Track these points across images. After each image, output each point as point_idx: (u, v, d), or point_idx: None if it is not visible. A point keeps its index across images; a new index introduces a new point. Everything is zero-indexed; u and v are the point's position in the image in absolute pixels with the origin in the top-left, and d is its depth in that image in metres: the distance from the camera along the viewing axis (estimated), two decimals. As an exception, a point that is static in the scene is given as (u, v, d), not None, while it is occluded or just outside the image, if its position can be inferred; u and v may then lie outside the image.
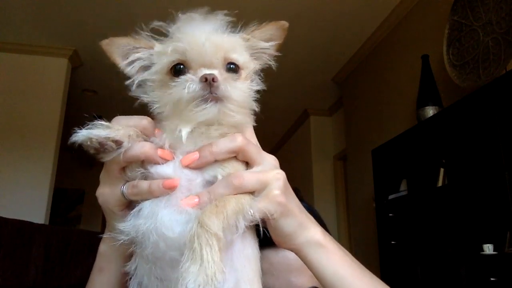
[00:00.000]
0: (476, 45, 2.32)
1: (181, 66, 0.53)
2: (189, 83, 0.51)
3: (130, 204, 0.53)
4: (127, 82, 0.56)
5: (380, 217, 2.99)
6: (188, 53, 0.52)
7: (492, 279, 1.89)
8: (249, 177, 0.50)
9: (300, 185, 5.50)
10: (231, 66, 0.55)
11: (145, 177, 0.52)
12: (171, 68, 0.53)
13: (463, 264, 2.19)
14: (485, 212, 2.15)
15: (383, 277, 2.94)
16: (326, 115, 5.32)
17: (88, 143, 0.48)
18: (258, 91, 0.57)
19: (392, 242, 2.82)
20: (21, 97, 3.82)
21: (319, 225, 0.55)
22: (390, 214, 2.87)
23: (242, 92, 0.54)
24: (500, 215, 1.97)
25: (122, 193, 0.51)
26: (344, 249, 0.56)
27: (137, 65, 0.57)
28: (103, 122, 0.49)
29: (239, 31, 0.58)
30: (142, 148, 0.50)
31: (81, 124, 0.50)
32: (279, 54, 0.61)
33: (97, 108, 5.26)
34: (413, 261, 2.62)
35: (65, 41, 3.89)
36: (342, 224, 4.81)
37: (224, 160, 0.51)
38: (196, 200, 0.49)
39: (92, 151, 0.49)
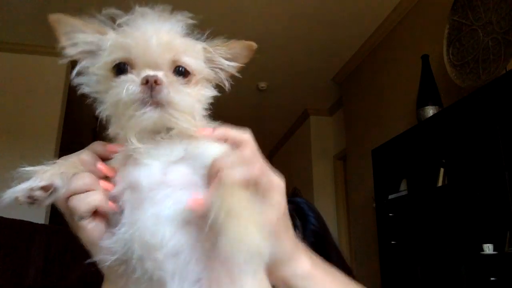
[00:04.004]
0: (476, 45, 2.32)
1: (125, 65, 0.48)
2: (128, 84, 0.46)
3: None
4: (61, 61, 0.52)
5: (380, 217, 2.99)
6: (133, 51, 0.48)
7: (492, 279, 1.89)
8: (261, 168, 0.47)
9: (300, 185, 5.50)
10: (180, 69, 0.50)
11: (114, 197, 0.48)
12: (114, 66, 0.49)
13: (463, 264, 2.19)
14: (485, 212, 2.15)
15: (383, 277, 2.95)
16: (326, 115, 5.32)
17: (20, 199, 0.45)
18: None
19: (392, 242, 2.82)
20: (21, 97, 3.82)
21: (306, 251, 0.53)
22: (390, 214, 2.88)
23: (188, 97, 0.49)
24: (500, 215, 1.97)
25: (76, 219, 0.47)
26: (332, 270, 0.55)
27: (80, 48, 0.52)
28: (28, 169, 0.46)
29: (204, 40, 0.54)
30: (78, 182, 0.46)
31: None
32: (238, 76, 0.57)
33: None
34: (413, 261, 2.62)
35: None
36: (342, 224, 4.81)
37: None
38: (201, 196, 0.45)
39: (28, 205, 0.45)
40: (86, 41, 0.52)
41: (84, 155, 0.49)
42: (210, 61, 0.55)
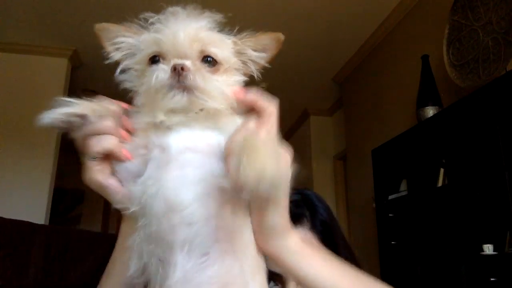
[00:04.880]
0: (476, 45, 2.32)
1: (158, 58, 0.53)
2: (158, 72, 0.51)
3: (117, 176, 0.52)
4: (108, 60, 0.58)
5: (380, 217, 2.99)
6: (163, 45, 0.53)
7: (492, 279, 1.89)
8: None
9: (300, 185, 5.49)
10: (208, 59, 0.54)
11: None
12: (149, 59, 0.54)
13: (463, 264, 2.19)
14: (485, 212, 2.15)
15: (383, 277, 2.95)
16: (326, 115, 5.32)
17: (54, 123, 0.48)
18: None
19: (392, 242, 2.82)
20: (21, 97, 3.82)
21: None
22: (390, 214, 2.87)
23: (215, 83, 0.53)
24: (500, 215, 1.97)
25: (87, 157, 0.51)
26: (324, 252, 0.56)
27: (122, 51, 0.57)
28: (70, 100, 0.49)
29: (232, 35, 0.58)
30: (103, 122, 0.50)
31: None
32: (268, 67, 0.60)
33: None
34: (413, 261, 2.62)
35: (65, 41, 3.89)
36: (342, 224, 4.78)
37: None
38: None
39: (62, 130, 0.50)
40: (127, 43, 0.57)
41: (112, 105, 0.52)
42: (240, 53, 0.58)
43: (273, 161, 0.43)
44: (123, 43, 0.57)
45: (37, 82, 3.91)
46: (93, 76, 4.42)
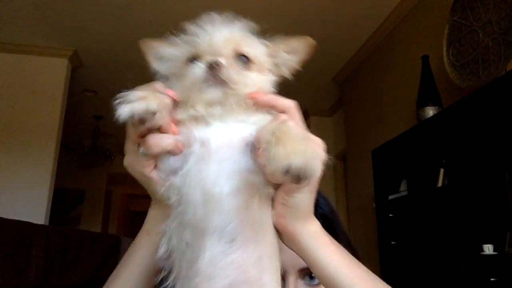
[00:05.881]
0: (476, 45, 2.32)
1: (195, 59, 0.57)
2: (195, 69, 0.55)
3: (161, 166, 0.55)
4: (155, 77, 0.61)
5: (380, 217, 2.99)
6: (200, 46, 0.57)
7: (492, 279, 1.89)
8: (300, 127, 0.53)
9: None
10: (242, 57, 0.58)
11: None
12: (187, 61, 0.57)
13: (463, 264, 2.19)
14: (485, 212, 2.15)
15: (383, 277, 2.93)
16: (326, 115, 5.32)
17: (131, 119, 0.50)
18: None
19: (392, 242, 2.82)
20: (21, 97, 3.82)
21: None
22: (390, 214, 2.88)
23: (248, 78, 0.56)
24: (500, 215, 1.97)
25: (141, 153, 0.53)
26: (337, 243, 0.57)
27: (165, 63, 0.62)
28: (135, 92, 0.51)
29: (264, 39, 0.62)
30: (161, 117, 0.52)
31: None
32: (300, 69, 0.63)
33: (97, 108, 5.27)
34: (413, 261, 2.62)
35: (65, 41, 3.89)
36: (342, 224, 4.81)
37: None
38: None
39: (133, 126, 0.51)
40: (168, 54, 0.61)
41: (166, 98, 0.53)
42: (273, 56, 0.62)
43: (303, 144, 0.47)
44: (165, 55, 0.61)
45: (37, 82, 3.91)
46: (93, 76, 4.42)
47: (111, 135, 5.44)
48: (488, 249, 1.99)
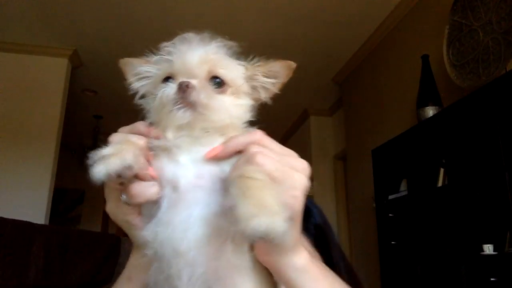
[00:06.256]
0: (476, 45, 2.32)
1: (170, 78, 0.56)
2: (166, 89, 0.54)
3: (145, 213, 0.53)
4: (133, 92, 0.61)
5: (380, 217, 2.99)
6: (174, 66, 0.55)
7: (492, 279, 1.89)
8: (289, 164, 0.50)
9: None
10: (216, 80, 0.56)
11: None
12: (162, 80, 0.56)
13: (463, 264, 2.19)
14: (485, 212, 2.15)
15: (383, 277, 2.95)
16: (326, 115, 5.32)
17: (109, 178, 0.48)
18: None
19: (392, 242, 2.82)
20: (21, 97, 3.82)
21: (305, 246, 0.54)
22: (390, 214, 2.87)
23: (220, 102, 0.54)
24: (500, 215, 1.97)
25: (124, 201, 0.52)
26: (326, 270, 0.55)
27: (143, 81, 0.61)
28: (108, 148, 0.50)
29: (245, 61, 0.60)
30: (136, 163, 0.50)
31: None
32: (278, 93, 0.61)
33: (97, 108, 5.27)
34: (413, 261, 2.62)
35: (65, 41, 3.90)
36: (342, 224, 4.81)
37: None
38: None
39: (115, 185, 0.50)
40: (146, 72, 0.60)
41: (138, 139, 0.52)
42: (251, 78, 0.59)
43: (270, 196, 0.43)
44: (143, 73, 0.61)
45: (37, 82, 3.91)
46: (93, 76, 4.42)
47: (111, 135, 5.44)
48: (488, 249, 1.99)
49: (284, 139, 6.38)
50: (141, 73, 0.61)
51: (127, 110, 0.58)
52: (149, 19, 3.41)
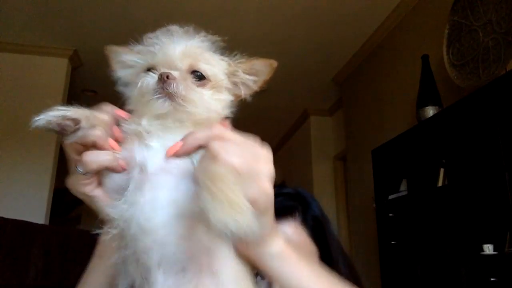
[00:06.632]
0: (476, 45, 2.32)
1: (152, 69, 0.56)
2: (146, 79, 0.55)
3: (104, 186, 0.53)
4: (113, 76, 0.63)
5: (380, 217, 2.99)
6: (157, 58, 0.56)
7: (492, 279, 1.89)
8: (253, 154, 0.49)
9: (300, 185, 5.49)
10: (197, 73, 0.56)
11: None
12: (144, 71, 0.57)
13: (463, 264, 2.19)
14: (485, 212, 2.15)
15: (383, 277, 2.95)
16: (326, 115, 5.32)
17: (48, 125, 0.49)
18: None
19: (392, 242, 2.82)
20: (21, 97, 3.82)
21: (284, 238, 0.54)
22: (390, 214, 2.87)
23: (199, 95, 0.55)
24: (500, 215, 1.97)
25: (78, 171, 0.51)
26: (309, 259, 0.55)
27: (127, 69, 0.62)
28: (62, 107, 0.51)
29: (228, 57, 0.60)
30: (94, 131, 0.51)
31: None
32: (260, 90, 0.61)
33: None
34: (413, 261, 2.62)
35: (65, 41, 3.89)
36: (342, 224, 4.81)
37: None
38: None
39: (55, 133, 0.51)
40: (130, 61, 0.61)
41: (103, 115, 0.53)
42: (233, 75, 0.60)
43: (235, 193, 0.43)
44: (128, 61, 0.62)
45: (37, 82, 3.91)
46: (93, 76, 4.42)
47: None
48: (488, 249, 1.99)
49: (284, 139, 6.38)
50: (125, 61, 0.62)
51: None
52: (150, 19, 3.41)
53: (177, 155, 0.51)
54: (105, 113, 0.54)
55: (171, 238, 0.49)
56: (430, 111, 2.56)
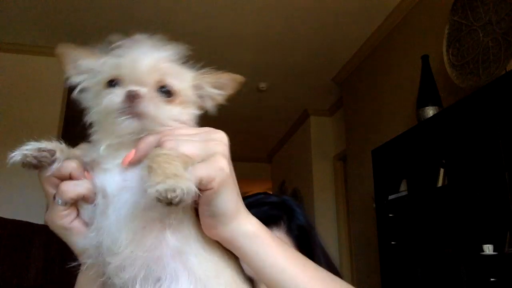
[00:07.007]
0: (476, 45, 2.32)
1: (115, 82, 0.53)
2: (112, 96, 0.52)
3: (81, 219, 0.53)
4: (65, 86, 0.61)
5: (380, 217, 2.99)
6: (122, 70, 0.53)
7: (492, 279, 1.89)
8: (190, 138, 0.49)
9: (300, 185, 5.50)
10: (164, 89, 0.54)
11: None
12: (107, 83, 0.54)
13: (463, 264, 2.19)
14: (485, 212, 2.15)
15: (383, 277, 2.95)
16: (326, 115, 5.32)
17: (25, 159, 0.49)
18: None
19: (392, 243, 2.82)
20: (21, 97, 3.82)
21: (257, 220, 0.53)
22: (390, 215, 2.87)
23: (167, 113, 0.53)
24: (500, 215, 1.97)
25: (57, 202, 0.51)
26: (283, 242, 0.55)
27: (83, 74, 0.58)
28: (34, 142, 0.51)
29: (195, 69, 0.59)
30: (70, 163, 0.51)
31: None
32: (225, 104, 0.61)
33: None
34: (413, 261, 2.62)
35: (65, 41, 3.88)
36: (342, 224, 4.81)
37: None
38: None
39: (33, 168, 0.51)
40: (88, 66, 0.58)
41: (76, 150, 0.54)
42: (199, 87, 0.59)
43: (173, 166, 0.43)
44: (84, 66, 0.58)
45: (37, 82, 3.91)
46: (93, 76, 4.42)
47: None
48: (488, 249, 1.99)
49: (284, 140, 6.38)
50: (80, 65, 0.58)
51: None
52: (150, 19, 3.41)
53: (132, 163, 0.50)
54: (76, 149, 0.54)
55: (139, 252, 0.49)
56: (430, 111, 2.56)
